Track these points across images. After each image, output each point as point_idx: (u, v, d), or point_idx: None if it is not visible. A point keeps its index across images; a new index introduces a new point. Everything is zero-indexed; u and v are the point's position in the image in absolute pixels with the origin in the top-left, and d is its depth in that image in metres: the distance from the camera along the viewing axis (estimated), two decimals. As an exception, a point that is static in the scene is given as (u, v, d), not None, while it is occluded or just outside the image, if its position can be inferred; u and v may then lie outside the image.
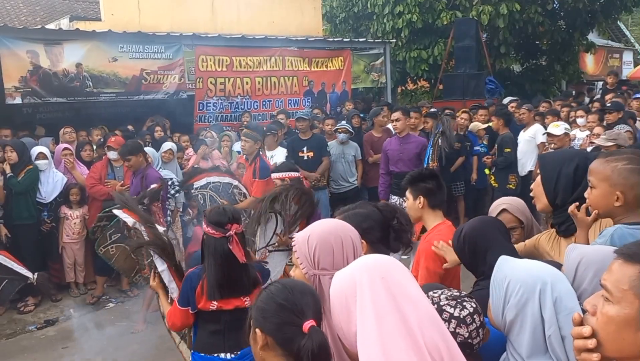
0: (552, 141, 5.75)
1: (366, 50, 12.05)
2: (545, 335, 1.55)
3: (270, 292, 1.52)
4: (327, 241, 1.73)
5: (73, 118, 9.17)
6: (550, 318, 1.54)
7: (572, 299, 1.56)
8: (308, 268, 1.73)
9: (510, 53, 14.23)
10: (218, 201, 5.44)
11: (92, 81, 8.10)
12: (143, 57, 8.59)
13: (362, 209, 2.22)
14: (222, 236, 2.83)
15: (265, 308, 1.48)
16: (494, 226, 2.41)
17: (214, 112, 9.50)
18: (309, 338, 1.40)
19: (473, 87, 11.84)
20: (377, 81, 12.00)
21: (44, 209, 6.16)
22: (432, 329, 1.30)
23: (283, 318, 1.45)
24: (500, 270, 1.69)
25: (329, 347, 1.44)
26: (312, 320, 1.44)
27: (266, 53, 9.98)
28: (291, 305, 1.46)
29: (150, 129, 8.06)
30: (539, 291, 1.57)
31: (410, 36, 13.74)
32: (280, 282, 1.58)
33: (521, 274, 1.63)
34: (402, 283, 1.38)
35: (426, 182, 3.00)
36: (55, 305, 6.22)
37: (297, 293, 1.49)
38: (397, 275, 1.39)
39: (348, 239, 1.75)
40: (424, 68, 13.81)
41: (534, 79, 15.11)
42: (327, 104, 10.77)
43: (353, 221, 2.10)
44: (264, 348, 1.48)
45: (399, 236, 2.18)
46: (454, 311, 1.74)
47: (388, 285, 1.35)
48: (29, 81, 7.55)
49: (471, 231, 2.37)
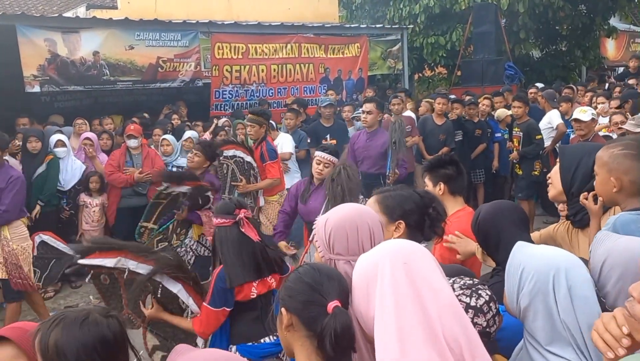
0: (579, 127, 5.62)
1: (383, 36, 11.92)
2: (562, 323, 1.51)
3: (298, 272, 1.54)
4: (341, 227, 1.72)
5: (90, 106, 9.24)
6: (565, 305, 1.50)
7: (588, 288, 1.51)
8: (324, 252, 1.73)
9: (529, 38, 13.99)
10: (237, 176, 5.41)
11: (109, 69, 8.13)
12: (159, 45, 8.59)
13: (404, 191, 2.21)
14: (233, 223, 2.87)
15: (292, 287, 1.50)
16: (510, 211, 2.36)
17: (230, 100, 9.49)
18: (332, 317, 1.40)
19: (492, 74, 11.68)
20: (393, 67, 11.88)
21: (63, 197, 6.20)
22: (452, 320, 1.27)
23: (308, 296, 1.46)
24: (515, 256, 1.65)
25: (352, 329, 1.43)
26: (338, 300, 1.45)
27: (282, 40, 9.91)
28: (317, 285, 1.47)
29: (168, 117, 8.06)
30: (552, 278, 1.52)
31: (427, 22, 13.57)
32: (309, 264, 1.60)
33: (535, 261, 1.58)
34: (425, 270, 1.35)
35: (446, 168, 2.96)
36: (76, 291, 6.28)
37: (324, 274, 1.51)
38: (420, 262, 1.37)
39: (364, 225, 1.72)
40: (441, 54, 13.65)
41: (554, 65, 14.87)
42: (344, 91, 10.69)
43: (395, 201, 2.11)
44: (288, 328, 1.49)
45: (434, 224, 2.14)
46: (470, 300, 1.72)
47: (410, 272, 1.33)
48: (47, 69, 7.60)
49: (485, 217, 2.34)
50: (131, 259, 3.01)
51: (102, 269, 3.06)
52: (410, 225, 2.10)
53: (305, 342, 1.47)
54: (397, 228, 2.08)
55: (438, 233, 2.18)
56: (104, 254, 3.02)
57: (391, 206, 2.12)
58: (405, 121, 7.49)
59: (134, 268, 3.00)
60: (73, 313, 1.44)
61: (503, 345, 1.84)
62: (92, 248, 3.05)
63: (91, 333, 1.40)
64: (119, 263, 3.01)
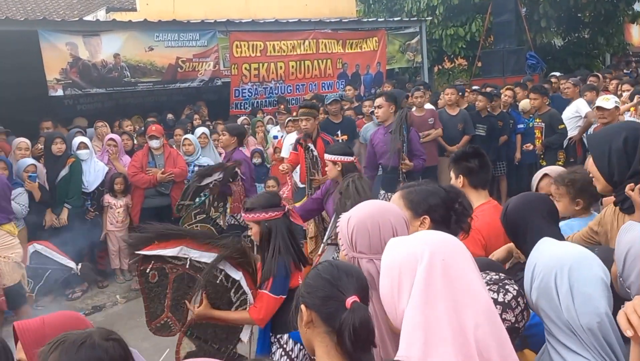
0: (603, 115, 5.49)
1: (401, 29, 11.83)
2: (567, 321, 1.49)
3: (317, 270, 1.55)
4: (364, 225, 1.72)
5: (112, 108, 9.35)
6: (567, 303, 1.48)
7: (591, 285, 1.47)
8: (348, 249, 1.73)
9: (551, 27, 13.73)
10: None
11: (129, 70, 8.22)
12: (178, 46, 8.65)
13: (429, 186, 2.18)
14: (283, 214, 2.93)
15: (311, 284, 1.52)
16: (538, 203, 2.32)
17: (249, 98, 9.52)
18: (350, 312, 1.41)
19: (513, 64, 11.51)
20: (412, 60, 11.79)
21: (87, 198, 6.29)
22: (487, 326, 1.23)
23: (327, 292, 1.47)
24: (533, 252, 1.65)
25: (371, 324, 1.43)
26: (356, 296, 1.45)
27: (300, 37, 9.90)
28: (335, 281, 1.48)
29: (190, 117, 8.12)
30: (555, 276, 1.51)
31: (446, 13, 13.42)
32: (328, 261, 1.61)
33: (545, 258, 1.58)
34: (464, 270, 1.30)
35: (468, 161, 2.91)
36: (102, 291, 6.38)
37: (342, 271, 1.52)
38: (460, 260, 1.31)
39: (387, 223, 1.72)
40: (461, 45, 13.49)
41: (577, 53, 14.59)
42: (362, 86, 10.64)
43: (420, 196, 2.09)
44: (308, 324, 1.50)
45: (460, 219, 2.11)
46: (498, 296, 1.69)
47: (448, 269, 1.27)
48: (69, 72, 7.71)
49: (513, 210, 2.31)
50: (193, 248, 2.87)
51: (153, 264, 2.90)
52: (436, 220, 2.07)
53: (325, 338, 1.47)
54: (422, 223, 2.06)
55: (464, 229, 2.15)
56: (164, 244, 2.86)
57: (416, 201, 2.10)
58: (427, 113, 7.43)
59: (197, 257, 2.87)
60: (73, 335, 1.42)
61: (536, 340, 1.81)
62: (151, 237, 2.88)
63: (87, 357, 1.38)
64: (181, 252, 2.87)
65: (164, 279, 2.98)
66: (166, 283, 2.98)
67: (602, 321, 1.45)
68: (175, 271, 2.94)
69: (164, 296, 3.00)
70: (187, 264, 2.91)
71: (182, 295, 3.01)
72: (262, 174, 7.07)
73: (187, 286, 3.00)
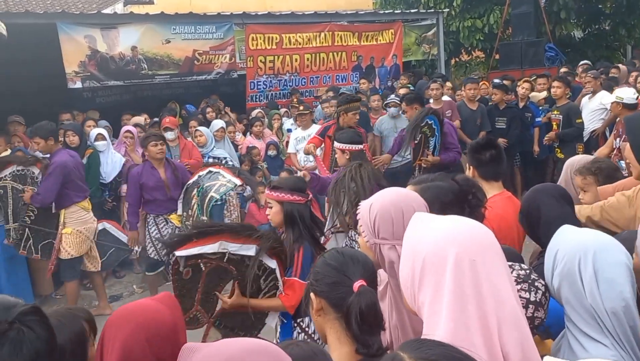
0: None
1: (418, 21, 11.73)
2: (590, 306, 1.48)
3: (324, 257, 1.60)
4: (387, 211, 1.71)
5: (130, 101, 9.44)
6: (591, 288, 1.47)
7: (615, 271, 1.47)
8: (369, 236, 1.73)
9: (571, 18, 13.48)
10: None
11: (147, 63, 8.29)
12: (195, 38, 8.70)
13: (442, 182, 2.14)
14: (306, 201, 2.95)
15: (318, 272, 1.55)
16: (550, 194, 2.30)
17: (264, 91, 9.54)
18: (357, 296, 1.43)
19: (532, 56, 11.35)
20: (428, 53, 11.69)
21: (105, 189, 6.39)
22: (512, 332, 1.18)
23: (334, 278, 1.51)
24: (554, 238, 1.64)
25: (378, 307, 1.44)
26: (363, 280, 1.48)
27: (315, 29, 9.88)
28: (342, 267, 1.52)
29: (203, 110, 8.19)
30: (579, 261, 1.51)
31: (463, 5, 13.26)
32: (334, 248, 1.65)
33: (568, 243, 1.57)
34: (494, 273, 1.22)
35: (480, 153, 2.91)
36: (120, 281, 6.48)
37: (348, 257, 1.55)
38: (490, 262, 1.23)
39: (410, 210, 1.70)
40: (478, 38, 13.32)
41: (597, 45, 14.34)
42: (376, 79, 10.60)
43: (434, 193, 2.06)
44: (319, 312, 1.53)
45: (474, 211, 2.10)
46: (530, 295, 1.70)
47: (477, 271, 1.20)
48: (88, 65, 7.80)
49: (526, 199, 2.32)
50: (232, 242, 2.86)
51: (188, 261, 2.85)
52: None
53: (335, 324, 1.50)
54: None
55: (478, 219, 2.15)
56: (202, 241, 2.84)
57: (430, 199, 2.06)
58: (444, 106, 7.40)
59: (235, 250, 2.86)
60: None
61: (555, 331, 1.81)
62: (189, 236, 2.86)
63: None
64: (220, 247, 2.83)
65: (197, 275, 2.93)
66: (199, 277, 2.93)
67: (627, 306, 1.44)
68: (209, 266, 2.92)
69: (195, 291, 2.97)
70: (225, 258, 2.87)
71: (213, 287, 3.00)
72: (277, 167, 7.11)
73: (218, 278, 2.99)
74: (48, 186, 5.07)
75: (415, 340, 1.08)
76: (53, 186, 5.06)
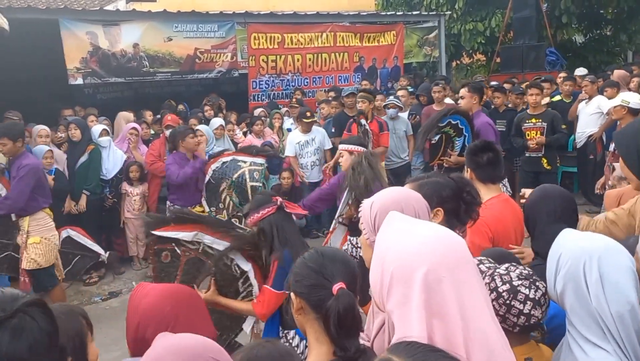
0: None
1: (419, 23, 11.75)
2: (595, 310, 1.48)
3: (303, 258, 1.59)
4: (387, 209, 1.67)
5: (131, 98, 9.45)
6: (596, 292, 1.47)
7: (621, 274, 1.47)
8: (369, 234, 1.73)
9: (572, 23, 13.49)
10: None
11: (148, 60, 8.29)
12: (197, 37, 8.70)
13: (439, 178, 2.19)
14: (276, 208, 2.94)
15: (298, 273, 1.55)
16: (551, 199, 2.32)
17: (266, 90, 9.55)
18: (335, 299, 1.44)
19: (533, 60, 11.38)
20: (429, 55, 11.70)
21: (106, 186, 6.38)
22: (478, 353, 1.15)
23: (312, 281, 1.51)
24: (557, 242, 1.64)
25: (356, 310, 1.45)
26: (342, 282, 1.48)
27: (317, 29, 9.89)
28: (321, 269, 1.51)
29: (201, 108, 8.20)
30: (584, 264, 1.50)
31: (465, 8, 13.28)
32: (314, 248, 1.65)
33: (572, 247, 1.57)
34: (463, 287, 1.19)
35: (477, 155, 2.93)
36: (119, 277, 6.47)
37: (327, 258, 1.55)
38: (459, 276, 1.19)
39: (410, 207, 1.72)
40: (480, 41, 13.33)
41: (598, 50, 14.33)
42: (378, 80, 10.61)
43: (432, 188, 2.09)
44: (299, 311, 1.54)
45: (469, 208, 2.13)
46: (529, 292, 1.70)
47: (443, 290, 1.17)
48: (89, 61, 7.80)
49: (527, 204, 2.34)
50: (208, 234, 2.95)
51: (169, 245, 2.98)
52: (448, 211, 2.09)
53: (314, 324, 1.51)
54: (436, 215, 2.07)
55: (473, 217, 2.16)
56: (181, 227, 2.95)
57: (428, 194, 2.08)
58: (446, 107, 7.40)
59: (209, 243, 2.95)
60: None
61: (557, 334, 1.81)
62: (168, 219, 3.00)
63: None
64: (196, 237, 2.95)
65: (175, 261, 3.05)
66: (177, 265, 3.05)
67: (632, 309, 1.45)
68: (187, 255, 3.01)
69: (174, 277, 3.06)
70: (200, 249, 2.98)
71: (191, 279, 3.06)
72: (276, 166, 7.06)
73: (196, 271, 3.06)
74: (21, 189, 4.67)
75: (408, 343, 1.08)
76: (25, 189, 4.69)
